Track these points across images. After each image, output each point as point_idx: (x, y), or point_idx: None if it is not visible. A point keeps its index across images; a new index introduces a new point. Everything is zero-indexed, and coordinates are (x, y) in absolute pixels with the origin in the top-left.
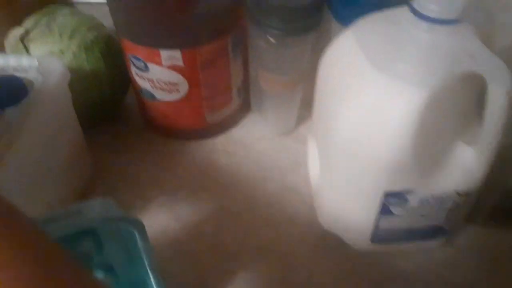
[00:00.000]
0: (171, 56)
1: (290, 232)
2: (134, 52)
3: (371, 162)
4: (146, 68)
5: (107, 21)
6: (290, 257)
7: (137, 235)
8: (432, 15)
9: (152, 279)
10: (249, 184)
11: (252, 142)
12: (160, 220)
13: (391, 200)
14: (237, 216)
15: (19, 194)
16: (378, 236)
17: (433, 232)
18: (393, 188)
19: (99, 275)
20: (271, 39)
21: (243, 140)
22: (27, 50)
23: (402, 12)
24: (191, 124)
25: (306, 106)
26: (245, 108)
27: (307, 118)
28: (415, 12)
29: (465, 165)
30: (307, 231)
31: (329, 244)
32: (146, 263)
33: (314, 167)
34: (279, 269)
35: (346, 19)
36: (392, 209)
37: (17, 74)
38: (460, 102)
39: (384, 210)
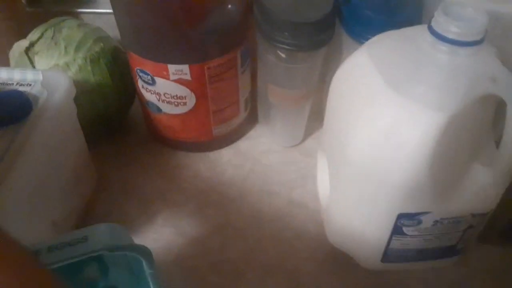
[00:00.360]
0: (179, 70)
1: (297, 248)
2: (141, 66)
3: (385, 184)
4: (153, 82)
5: (114, 31)
6: (297, 274)
7: (144, 262)
8: (452, 36)
9: None
10: (256, 198)
11: (259, 155)
12: (165, 235)
13: (404, 221)
14: (243, 231)
15: (24, 210)
16: (389, 256)
17: (445, 251)
18: (407, 210)
19: None
20: (282, 54)
21: (249, 152)
22: (31, 62)
23: (420, 32)
24: (197, 136)
25: (314, 119)
26: (252, 120)
27: (315, 130)
28: (434, 33)
29: (481, 186)
30: (315, 248)
31: (337, 262)
32: None
33: (323, 183)
34: (286, 286)
35: (358, 34)
36: (405, 230)
37: (22, 88)
38: (477, 124)
39: (397, 230)
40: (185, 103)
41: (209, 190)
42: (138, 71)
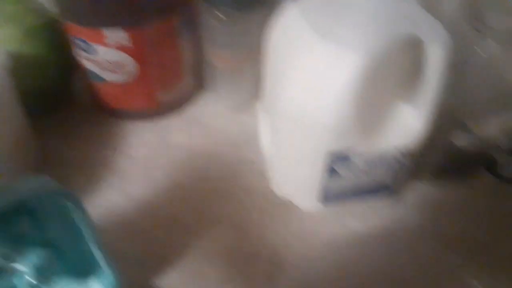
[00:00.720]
0: (116, 36)
1: (244, 201)
2: (77, 34)
3: (314, 125)
4: (91, 50)
5: (53, 7)
6: (243, 224)
7: (74, 208)
8: None
9: (95, 253)
10: (204, 160)
11: (207, 120)
12: (113, 201)
13: (336, 162)
14: (191, 191)
15: None
16: (326, 197)
17: (381, 189)
18: (336, 148)
19: (40, 253)
20: (221, 16)
21: (197, 118)
22: None
23: None
24: (142, 104)
25: (260, 83)
26: (198, 86)
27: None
28: None
29: (406, 124)
30: (261, 200)
31: (281, 209)
32: (87, 237)
33: (265, 137)
34: (233, 237)
35: None
36: (338, 170)
37: None
38: (401, 64)
39: (330, 171)
40: (126, 71)
41: (157, 156)
42: (75, 40)
